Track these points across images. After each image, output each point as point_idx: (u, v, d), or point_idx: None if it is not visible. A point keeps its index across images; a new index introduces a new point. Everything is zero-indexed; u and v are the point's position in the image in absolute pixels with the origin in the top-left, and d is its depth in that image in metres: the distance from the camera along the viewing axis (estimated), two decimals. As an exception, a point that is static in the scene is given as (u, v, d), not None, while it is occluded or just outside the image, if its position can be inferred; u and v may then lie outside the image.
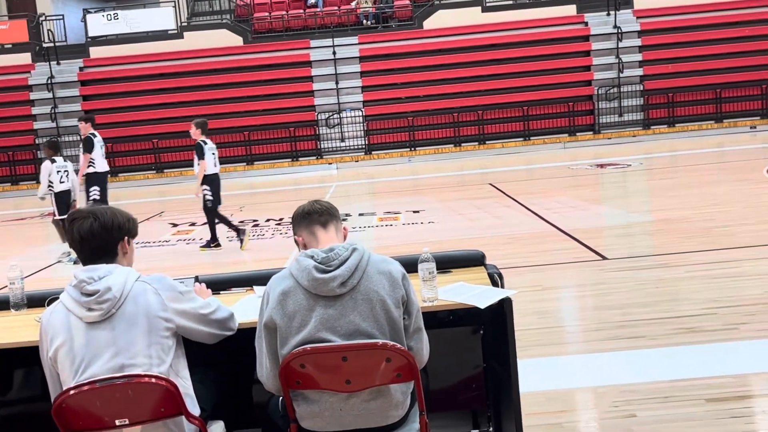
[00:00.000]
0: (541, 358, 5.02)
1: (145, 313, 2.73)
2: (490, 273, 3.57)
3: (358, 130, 22.73)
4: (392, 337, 2.77)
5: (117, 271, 2.78)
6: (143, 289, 2.77)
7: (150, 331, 2.72)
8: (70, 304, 2.73)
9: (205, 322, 2.93)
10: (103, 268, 2.78)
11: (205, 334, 2.95)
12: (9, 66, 24.09)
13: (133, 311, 2.72)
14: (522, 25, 23.62)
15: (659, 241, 8.67)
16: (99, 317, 2.69)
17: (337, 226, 3.03)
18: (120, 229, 2.87)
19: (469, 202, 12.70)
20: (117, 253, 2.86)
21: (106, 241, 2.83)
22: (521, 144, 22.14)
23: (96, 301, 2.69)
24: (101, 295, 2.69)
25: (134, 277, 2.79)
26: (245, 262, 9.26)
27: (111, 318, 2.70)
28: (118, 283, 2.72)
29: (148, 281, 2.80)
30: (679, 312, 5.74)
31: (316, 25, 24.67)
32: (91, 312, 2.69)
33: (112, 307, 2.70)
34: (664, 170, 15.72)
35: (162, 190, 20.32)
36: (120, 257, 2.88)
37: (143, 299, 2.74)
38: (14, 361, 3.65)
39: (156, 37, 24.38)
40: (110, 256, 2.84)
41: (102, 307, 2.69)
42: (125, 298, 2.72)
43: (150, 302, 2.75)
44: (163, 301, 2.77)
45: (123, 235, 2.88)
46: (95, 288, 2.70)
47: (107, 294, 2.70)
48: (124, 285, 2.74)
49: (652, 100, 22.34)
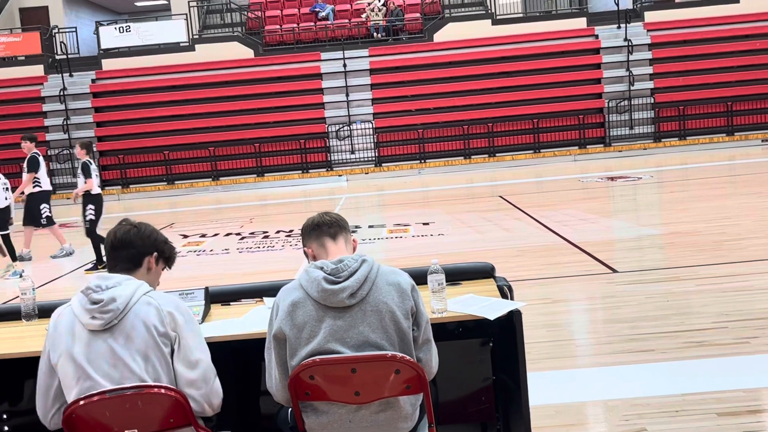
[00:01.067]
0: (551, 371, 5.01)
1: (144, 328, 2.72)
2: (499, 285, 3.57)
3: (368, 142, 22.77)
4: (401, 348, 2.77)
5: (127, 283, 2.79)
6: (147, 303, 2.77)
7: (147, 347, 2.72)
8: (77, 309, 2.77)
9: (189, 364, 2.77)
10: (114, 278, 2.80)
11: (183, 377, 2.78)
12: (22, 78, 24.29)
13: (132, 325, 2.72)
14: (532, 37, 23.65)
15: (670, 255, 8.64)
16: (100, 326, 2.71)
17: (347, 237, 3.04)
18: (153, 242, 2.95)
19: (478, 215, 12.69)
20: (142, 264, 2.92)
21: (137, 249, 2.91)
22: (531, 156, 22.12)
23: (99, 310, 2.71)
24: (104, 305, 2.71)
25: (142, 291, 2.80)
26: (255, 274, 9.26)
27: (112, 329, 2.72)
28: (124, 296, 2.74)
29: (154, 297, 2.80)
30: (689, 326, 5.72)
31: (327, 37, 24.77)
32: (94, 320, 2.71)
33: (113, 318, 2.71)
34: (675, 183, 15.67)
35: (172, 201, 20.39)
36: (143, 270, 2.92)
37: (144, 314, 2.74)
38: (25, 371, 3.65)
39: (168, 50, 24.52)
40: (134, 266, 2.90)
41: (104, 317, 2.71)
42: (128, 311, 2.73)
43: (151, 318, 2.74)
44: (164, 320, 2.76)
45: (153, 250, 2.95)
46: (100, 297, 2.73)
47: (111, 305, 2.71)
48: (130, 298, 2.75)
49: (662, 113, 22.31)
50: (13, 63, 24.86)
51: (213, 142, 22.56)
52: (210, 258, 10.65)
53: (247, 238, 12.05)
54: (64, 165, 22.87)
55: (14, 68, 24.58)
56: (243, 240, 11.93)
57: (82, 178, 10.70)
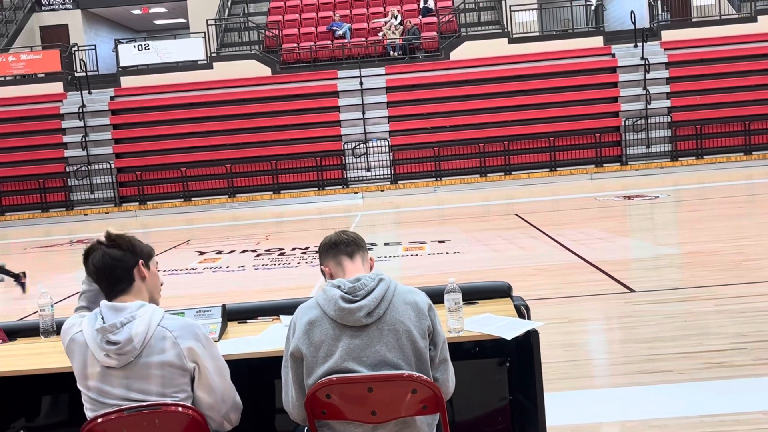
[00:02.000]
0: (568, 391, 4.97)
1: (159, 363, 2.67)
2: (516, 305, 3.55)
3: (384, 159, 22.83)
4: (418, 368, 2.77)
5: (141, 313, 2.71)
6: (162, 338, 2.69)
7: (164, 382, 2.68)
8: (91, 343, 2.69)
9: (209, 390, 2.78)
10: (128, 311, 2.71)
11: (227, 393, 2.85)
12: (42, 95, 24.53)
13: (147, 362, 2.67)
14: (549, 56, 23.69)
15: (687, 274, 8.58)
16: (116, 365, 2.66)
17: (364, 256, 3.04)
18: (131, 251, 2.82)
19: (494, 233, 12.67)
20: (134, 278, 2.81)
21: (119, 266, 2.78)
22: (547, 175, 22.10)
23: (116, 351, 2.65)
24: (122, 348, 2.64)
25: (157, 321, 2.72)
26: (271, 291, 9.27)
27: (127, 366, 2.67)
28: (140, 333, 2.66)
29: (169, 329, 2.72)
30: (707, 346, 5.67)
31: (344, 56, 24.88)
32: (109, 359, 2.66)
33: (131, 358, 2.66)
34: (692, 202, 15.60)
35: (189, 218, 20.48)
36: (138, 283, 2.82)
37: (160, 349, 2.68)
38: (43, 387, 3.67)
39: (186, 67, 24.72)
40: (128, 281, 2.79)
41: (120, 359, 2.65)
42: (144, 347, 2.67)
43: (168, 354, 2.68)
44: (181, 354, 2.70)
45: (137, 260, 2.82)
46: (117, 339, 2.64)
47: (128, 346, 2.64)
48: (146, 333, 2.67)
49: (679, 132, 22.25)
50: (33, 80, 25.12)
51: (230, 159, 22.68)
52: (226, 275, 10.67)
53: (263, 255, 12.08)
54: (82, 181, 23.03)
55: (34, 85, 24.84)
56: (259, 257, 11.96)
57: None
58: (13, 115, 24.06)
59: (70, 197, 23.05)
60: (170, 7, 31.01)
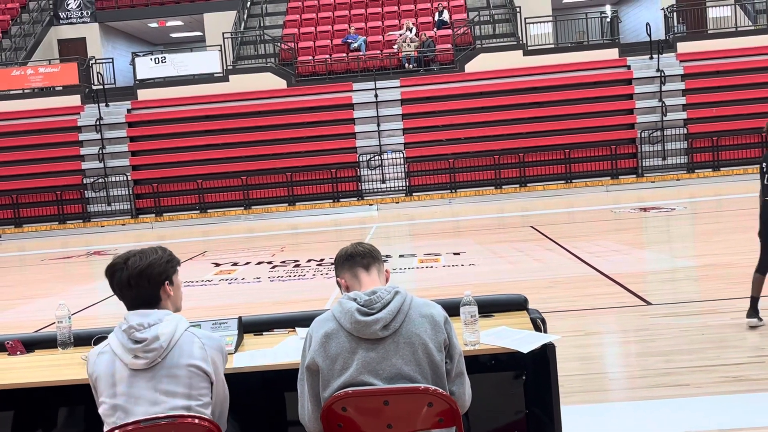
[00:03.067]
0: (584, 405, 4.95)
1: (187, 364, 2.72)
2: (532, 318, 3.55)
3: (398, 171, 22.84)
4: (434, 381, 2.76)
5: (167, 319, 2.77)
6: (190, 340, 2.76)
7: (191, 384, 2.72)
8: (118, 349, 2.74)
9: (224, 391, 2.90)
10: (154, 315, 2.77)
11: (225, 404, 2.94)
12: (59, 108, 24.75)
13: (176, 362, 2.71)
14: (564, 68, 23.67)
15: (704, 287, 8.53)
16: (144, 365, 2.70)
17: (380, 268, 3.04)
18: (158, 277, 2.83)
19: (510, 245, 12.64)
20: (161, 298, 2.85)
21: (146, 290, 2.81)
22: (563, 187, 22.05)
23: (143, 349, 2.69)
24: (148, 344, 2.69)
25: (183, 327, 2.79)
26: (287, 303, 9.29)
27: (155, 367, 2.70)
28: (166, 333, 2.72)
29: (197, 335, 2.79)
30: (725, 360, 5.63)
31: (359, 68, 24.96)
32: (137, 359, 2.70)
33: (157, 357, 2.70)
34: (709, 214, 15.52)
35: (205, 230, 20.55)
36: (164, 301, 2.86)
37: (188, 351, 2.74)
38: (59, 399, 3.69)
39: (202, 80, 24.87)
40: (154, 302, 2.83)
41: (148, 356, 2.69)
42: (171, 348, 2.72)
43: (194, 354, 2.74)
44: (207, 355, 2.76)
45: (162, 282, 2.85)
46: (144, 336, 2.70)
47: (155, 343, 2.69)
48: (173, 335, 2.73)
49: (696, 144, 22.15)
50: (51, 93, 25.34)
51: (245, 171, 22.76)
52: (242, 286, 10.70)
53: (278, 267, 12.10)
54: (99, 193, 23.17)
55: (52, 98, 25.06)
56: (274, 269, 11.98)
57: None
58: (31, 127, 24.28)
59: (87, 209, 23.19)
60: (187, 20, 31.23)
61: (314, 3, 28.96)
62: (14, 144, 23.98)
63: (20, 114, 24.56)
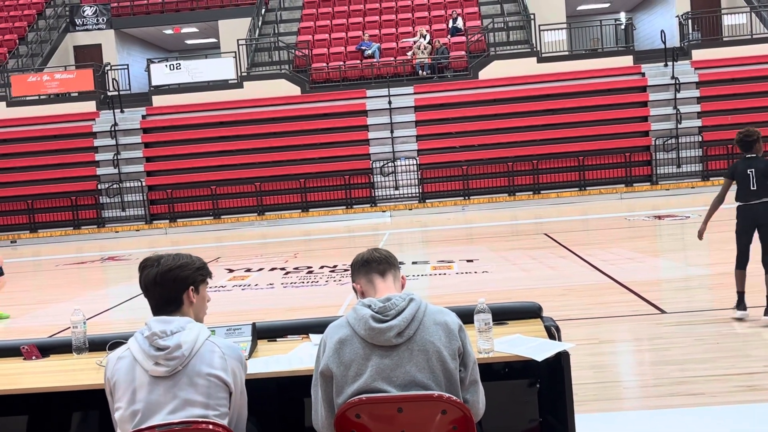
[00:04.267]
0: (598, 413, 4.93)
1: (207, 373, 2.72)
2: (547, 326, 3.54)
3: (412, 178, 22.85)
4: (448, 389, 2.76)
5: (189, 327, 2.78)
6: (211, 349, 2.77)
7: (209, 394, 2.72)
8: (139, 355, 2.74)
9: (243, 401, 2.91)
10: (176, 323, 2.78)
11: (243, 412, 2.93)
12: (75, 114, 24.91)
13: (196, 370, 2.72)
14: (578, 75, 23.64)
15: (719, 295, 8.48)
16: (165, 373, 2.70)
17: (396, 275, 3.04)
18: (184, 280, 2.86)
19: (523, 252, 12.61)
20: (182, 302, 2.87)
21: (169, 290, 2.85)
22: (577, 194, 21.99)
23: (165, 357, 2.70)
24: (170, 352, 2.70)
25: (205, 336, 2.79)
26: (300, 309, 9.30)
27: (176, 375, 2.71)
28: (188, 341, 2.72)
29: (217, 344, 2.80)
30: (740, 369, 5.59)
31: (373, 75, 25.01)
32: (158, 366, 2.70)
33: (179, 365, 2.70)
34: (724, 222, 15.38)
35: (219, 236, 20.61)
36: (186, 306, 2.88)
37: (209, 360, 2.74)
38: (73, 404, 3.70)
39: (216, 87, 24.98)
40: (176, 305, 2.86)
41: (169, 364, 2.70)
42: (192, 356, 2.72)
43: (214, 364, 2.74)
44: (227, 365, 2.77)
45: (188, 286, 2.87)
46: (166, 344, 2.71)
47: (177, 351, 2.70)
48: (194, 343, 2.74)
49: (710, 152, 22.05)
50: (67, 99, 25.52)
51: (259, 178, 22.82)
52: (255, 293, 10.72)
53: (291, 273, 12.12)
54: (113, 199, 23.28)
55: (67, 104, 25.24)
56: (287, 275, 12.00)
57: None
58: (46, 133, 24.45)
59: (101, 215, 23.30)
60: (202, 27, 31.39)
61: (328, 10, 29.04)
62: (30, 149, 24.15)
63: (36, 120, 24.73)
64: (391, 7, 28.95)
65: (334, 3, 29.41)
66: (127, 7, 30.21)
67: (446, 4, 28.46)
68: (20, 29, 29.58)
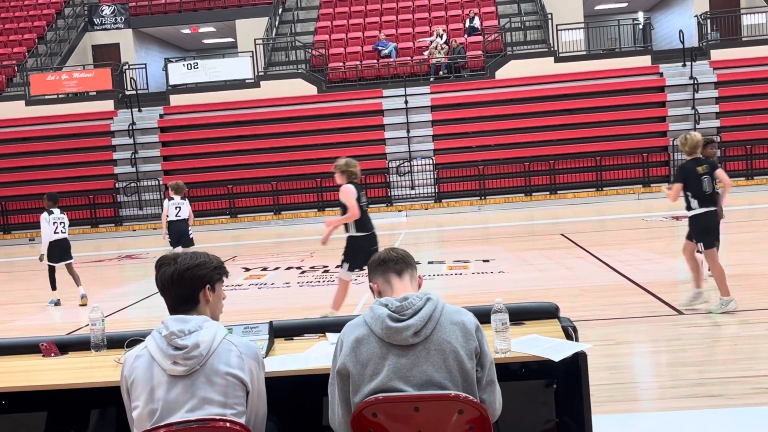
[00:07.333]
0: (615, 414, 4.91)
1: (225, 372, 2.73)
2: (564, 326, 3.53)
3: (428, 178, 22.84)
4: (465, 388, 2.75)
5: (207, 326, 2.79)
6: (228, 348, 2.78)
7: (227, 393, 2.73)
8: (156, 354, 2.75)
9: (262, 399, 2.91)
10: (194, 321, 2.79)
11: (260, 412, 2.93)
12: (93, 113, 25.07)
13: (214, 369, 2.73)
14: (595, 75, 23.54)
15: (737, 297, 8.40)
16: (183, 372, 2.71)
17: (412, 274, 3.04)
18: (201, 279, 2.87)
19: (539, 253, 12.58)
20: (199, 300, 2.88)
21: (186, 288, 2.85)
22: (594, 194, 21.90)
23: (183, 356, 2.71)
24: (189, 352, 2.71)
25: (222, 335, 2.80)
26: (316, 308, 9.30)
27: (193, 374, 2.72)
28: (206, 341, 2.73)
29: (235, 343, 2.81)
30: (758, 371, 5.56)
31: (389, 75, 25.01)
32: (176, 366, 2.71)
33: (197, 364, 2.71)
34: (742, 224, 15.32)
35: (235, 234, 20.67)
36: (202, 305, 2.88)
37: (226, 359, 2.75)
38: (92, 401, 3.73)
39: (234, 86, 25.06)
40: (193, 303, 2.87)
41: (188, 364, 2.71)
42: (210, 355, 2.74)
43: (231, 363, 2.75)
44: (244, 363, 2.78)
45: (204, 285, 2.88)
46: (185, 343, 2.72)
47: (195, 351, 2.71)
48: (212, 343, 2.75)
49: (729, 152, 21.90)
50: (85, 98, 25.68)
51: (276, 177, 22.87)
52: (271, 291, 10.75)
53: (307, 272, 12.14)
54: (131, 198, 23.40)
55: (86, 103, 25.40)
56: (303, 274, 12.02)
57: None
58: (65, 132, 24.61)
59: (119, 213, 23.43)
60: (219, 26, 31.50)
61: (345, 10, 29.06)
62: (48, 148, 24.32)
63: (54, 119, 24.90)
64: (408, 6, 28.94)
65: (351, 3, 29.42)
66: (145, 6, 30.35)
67: (463, 4, 28.43)
68: (39, 28, 29.79)
